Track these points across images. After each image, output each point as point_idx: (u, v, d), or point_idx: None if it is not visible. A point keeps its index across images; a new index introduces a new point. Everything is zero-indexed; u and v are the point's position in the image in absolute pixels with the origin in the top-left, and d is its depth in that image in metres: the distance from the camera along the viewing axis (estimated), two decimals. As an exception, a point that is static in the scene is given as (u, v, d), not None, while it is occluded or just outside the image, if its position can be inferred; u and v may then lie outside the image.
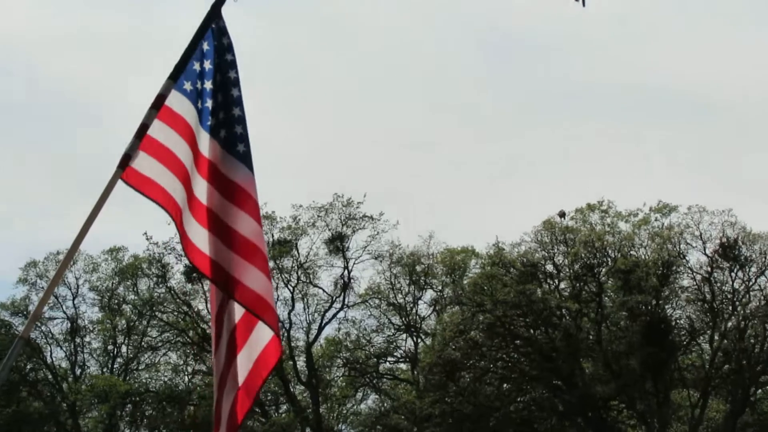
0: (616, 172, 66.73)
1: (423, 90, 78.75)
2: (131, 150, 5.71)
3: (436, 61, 76.44)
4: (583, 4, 6.89)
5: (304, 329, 46.73)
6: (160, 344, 49.28)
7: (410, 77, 78.20)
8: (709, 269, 39.51)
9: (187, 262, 42.66)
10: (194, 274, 44.11)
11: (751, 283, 39.29)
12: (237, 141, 6.02)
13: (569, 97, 75.27)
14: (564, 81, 73.86)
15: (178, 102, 5.88)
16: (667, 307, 39.94)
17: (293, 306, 46.22)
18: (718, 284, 39.57)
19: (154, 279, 47.77)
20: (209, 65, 6.03)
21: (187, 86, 5.92)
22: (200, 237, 5.81)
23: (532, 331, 39.37)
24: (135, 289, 49.56)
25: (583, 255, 39.45)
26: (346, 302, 46.98)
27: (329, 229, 45.96)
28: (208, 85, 6.01)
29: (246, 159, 6.01)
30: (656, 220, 41.79)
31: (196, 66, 5.95)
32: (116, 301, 50.04)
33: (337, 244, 45.63)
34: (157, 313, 48.48)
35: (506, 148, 73.11)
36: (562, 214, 41.12)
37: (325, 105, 75.19)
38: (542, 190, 68.61)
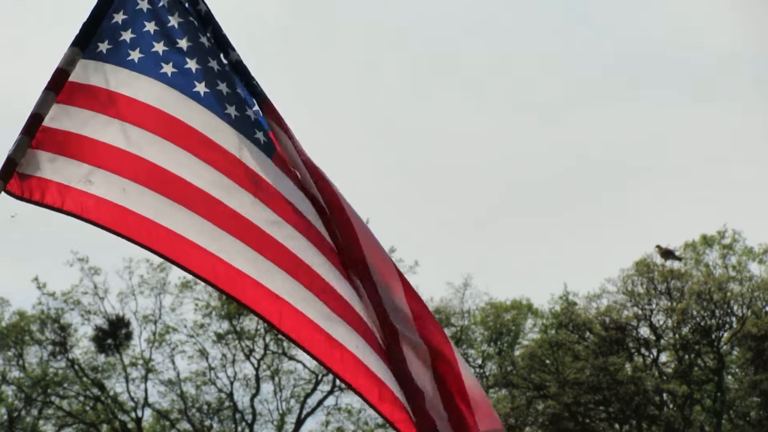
0: (745, 190, 57.18)
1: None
2: (17, 152, 4.76)
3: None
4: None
5: (275, 423, 41.64)
6: (58, 445, 44.58)
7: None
8: None
9: (99, 322, 39.90)
10: (108, 341, 40.19)
11: None
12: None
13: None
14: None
15: (91, 72, 4.94)
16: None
17: (258, 389, 41.15)
18: None
19: (49, 348, 42.84)
20: (146, 5, 4.98)
21: (103, 47, 4.92)
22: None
23: (618, 426, 37.66)
24: (20, 362, 43.86)
25: (695, 312, 36.65)
26: (337, 383, 41.99)
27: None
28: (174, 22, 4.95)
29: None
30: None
31: (117, 17, 4.93)
32: (-8, 380, 47.33)
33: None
34: (53, 398, 43.40)
35: (576, 150, 59.01)
36: (666, 253, 36.41)
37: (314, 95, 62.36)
38: (633, 216, 59.12)
